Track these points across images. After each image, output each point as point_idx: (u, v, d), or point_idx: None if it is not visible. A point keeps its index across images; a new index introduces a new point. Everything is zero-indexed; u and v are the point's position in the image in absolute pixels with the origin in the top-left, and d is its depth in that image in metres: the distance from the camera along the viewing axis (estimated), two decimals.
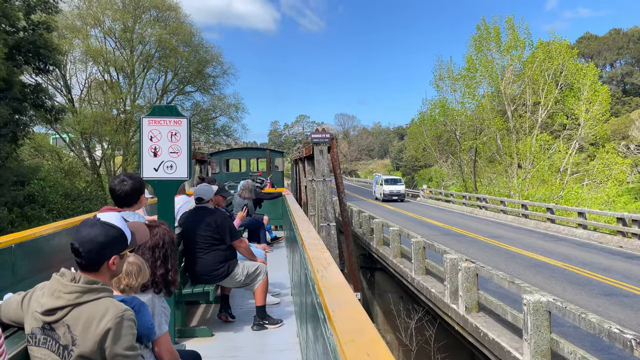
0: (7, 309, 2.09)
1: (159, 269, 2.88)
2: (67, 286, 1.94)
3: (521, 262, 14.58)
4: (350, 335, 1.64)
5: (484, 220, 26.24)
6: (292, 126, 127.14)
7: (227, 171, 24.12)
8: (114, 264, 2.05)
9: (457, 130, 42.28)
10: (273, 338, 4.94)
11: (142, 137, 4.71)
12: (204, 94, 45.44)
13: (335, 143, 17.32)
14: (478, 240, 18.99)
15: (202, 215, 5.13)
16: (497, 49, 37.02)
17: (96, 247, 1.99)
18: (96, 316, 1.89)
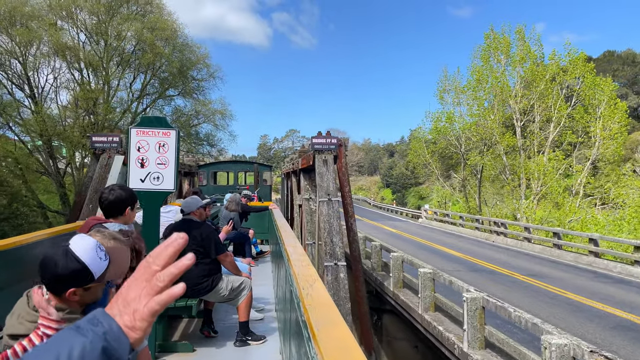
0: None
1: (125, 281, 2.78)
2: (29, 314, 1.92)
3: (596, 319, 11.12)
4: (335, 355, 1.62)
5: (508, 250, 23.26)
6: (281, 140, 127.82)
7: (215, 184, 24.00)
8: (75, 294, 1.94)
9: (462, 145, 40.59)
10: (256, 355, 4.94)
11: (129, 148, 4.68)
12: (186, 99, 41.65)
13: (343, 151, 13.59)
14: (518, 280, 15.64)
15: (187, 227, 5.15)
16: (507, 60, 35.62)
17: (52, 276, 1.91)
18: None
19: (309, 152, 14.21)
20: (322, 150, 13.01)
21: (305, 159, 14.50)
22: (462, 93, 39.50)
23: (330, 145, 13.06)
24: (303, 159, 15.11)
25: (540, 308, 11.86)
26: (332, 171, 12.87)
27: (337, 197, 12.54)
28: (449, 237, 28.77)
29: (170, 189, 4.97)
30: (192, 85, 40.37)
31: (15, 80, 32.60)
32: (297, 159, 17.05)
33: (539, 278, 15.91)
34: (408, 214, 48.64)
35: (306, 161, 14.38)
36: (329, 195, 12.39)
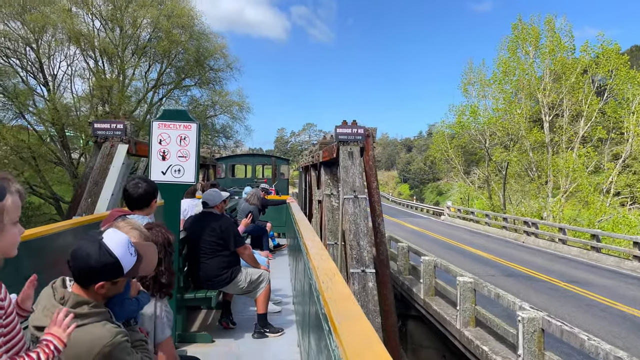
0: None
1: None
2: (55, 306, 1.95)
3: None
4: (356, 349, 1.64)
5: (542, 252, 21.94)
6: (298, 134, 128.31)
7: (233, 176, 24.15)
8: (103, 288, 2.02)
9: (486, 140, 39.24)
10: (273, 347, 5.00)
11: (151, 140, 4.76)
12: (203, 89, 40.38)
13: (371, 143, 12.10)
14: (559, 288, 14.39)
15: (207, 220, 5.21)
16: (535, 52, 34.11)
17: (84, 268, 1.98)
18: (83, 346, 1.90)
19: (331, 143, 13.30)
20: (347, 141, 11.69)
21: (327, 151, 13.31)
22: (487, 86, 38.26)
23: (356, 136, 11.72)
24: (324, 151, 13.89)
25: (594, 324, 10.63)
26: (358, 165, 11.50)
27: (364, 195, 11.26)
28: (475, 236, 27.60)
29: (191, 182, 5.04)
30: (209, 76, 39.02)
31: (30, 68, 32.24)
32: (317, 151, 15.90)
33: (582, 285, 14.69)
34: (429, 211, 47.20)
35: (328, 153, 13.16)
36: (355, 192, 11.09)
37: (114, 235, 2.05)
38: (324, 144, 15.44)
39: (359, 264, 10.22)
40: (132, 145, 11.11)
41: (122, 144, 10.83)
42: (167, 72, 37.79)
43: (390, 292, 12.23)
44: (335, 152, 12.08)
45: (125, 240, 2.05)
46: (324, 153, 13.93)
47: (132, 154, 11.40)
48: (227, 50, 39.70)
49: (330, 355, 2.02)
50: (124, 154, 10.54)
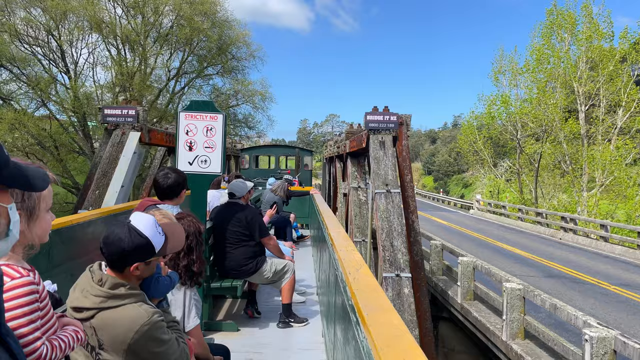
0: None
1: (182, 260, 2.93)
2: (93, 288, 2.05)
3: None
4: (386, 340, 1.64)
5: (582, 251, 20.55)
6: (321, 125, 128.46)
7: (257, 167, 24.32)
8: (138, 269, 2.12)
9: (518, 132, 37.62)
10: (298, 336, 5.05)
11: (178, 131, 4.82)
12: (225, 77, 39.55)
13: (404, 131, 11.10)
14: (609, 292, 13.23)
15: (233, 210, 5.28)
16: (571, 39, 32.37)
17: (118, 251, 2.07)
18: (121, 326, 2.00)
19: (358, 133, 12.57)
20: (378, 129, 10.75)
21: (355, 141, 12.54)
22: (519, 74, 36.64)
23: (388, 124, 10.75)
24: (352, 141, 13.12)
25: None
26: (390, 156, 10.56)
27: (397, 189, 10.22)
28: (508, 232, 26.41)
29: (217, 172, 5.11)
30: (231, 64, 38.30)
31: (51, 56, 32.10)
32: (343, 141, 15.13)
33: (635, 290, 13.31)
34: (456, 204, 45.64)
35: (356, 143, 12.43)
36: (388, 186, 10.09)
37: (141, 218, 2.15)
38: (351, 133, 14.66)
39: (393, 267, 9.24)
40: (145, 133, 10.40)
41: (133, 131, 10.04)
42: (189, 61, 37.24)
43: (425, 297, 10.92)
44: (364, 142, 11.19)
45: (152, 221, 2.14)
46: (352, 143, 13.15)
47: (145, 142, 10.73)
48: (250, 39, 38.98)
49: (358, 346, 2.03)
50: (135, 143, 9.77)
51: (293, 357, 4.86)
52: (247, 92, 39.88)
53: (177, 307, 3.02)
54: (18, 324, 1.63)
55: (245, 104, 41.10)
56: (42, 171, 1.02)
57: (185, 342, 2.30)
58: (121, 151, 9.72)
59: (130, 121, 10.12)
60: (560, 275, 15.13)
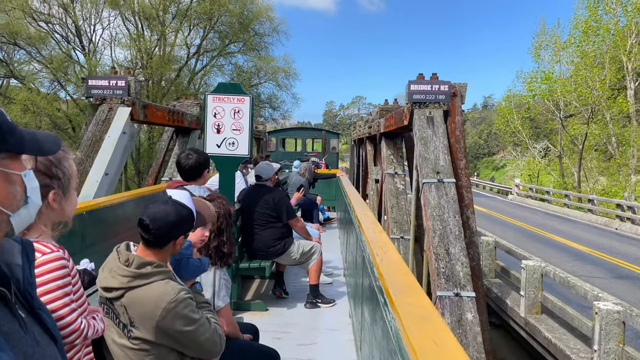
0: None
1: (212, 241, 2.98)
2: (120, 268, 2.08)
3: None
4: (414, 321, 1.63)
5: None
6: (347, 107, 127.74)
7: (284, 150, 24.41)
8: (179, 243, 2.17)
9: (561, 111, 34.94)
10: (325, 317, 5.10)
11: (206, 114, 4.89)
12: (248, 55, 37.11)
13: (458, 105, 8.70)
14: None
15: (260, 192, 5.33)
16: (620, 10, 29.58)
17: (167, 225, 2.08)
18: (149, 303, 2.02)
19: (392, 110, 10.89)
20: (424, 102, 8.42)
21: (393, 119, 10.27)
22: (562, 49, 34.04)
23: (438, 95, 8.43)
24: (388, 119, 10.87)
25: None
26: (441, 135, 8.26)
27: (451, 178, 7.94)
28: (556, 220, 23.92)
29: (245, 155, 5.16)
30: (253, 41, 36.19)
31: (67, 34, 31.05)
32: (376, 120, 13.22)
33: None
34: (492, 189, 43.15)
35: (394, 121, 10.10)
36: (439, 175, 7.81)
37: (177, 192, 2.21)
38: (385, 110, 12.87)
39: (451, 284, 6.89)
40: (139, 108, 8.50)
41: (123, 106, 8.22)
42: (210, 38, 35.24)
43: (484, 313, 8.07)
44: (406, 118, 8.85)
45: (188, 195, 2.24)
46: (387, 121, 10.93)
47: (139, 120, 8.93)
48: (272, 13, 36.71)
49: (386, 326, 2.03)
50: (125, 120, 7.93)
51: (320, 337, 4.92)
52: (270, 69, 37.55)
53: (207, 287, 3.08)
54: (51, 298, 1.67)
55: (268, 82, 38.76)
56: (52, 134, 1.03)
57: (218, 322, 2.31)
58: (106, 131, 7.94)
59: (120, 94, 8.30)
60: (631, 276, 12.94)
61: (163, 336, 2.05)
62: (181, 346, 2.11)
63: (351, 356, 4.13)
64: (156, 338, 2.04)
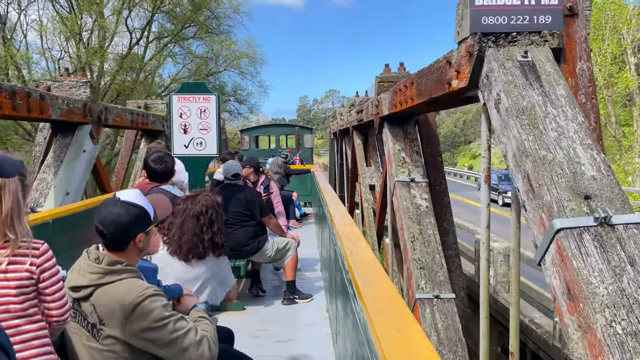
0: None
1: (206, 234, 3.05)
2: (90, 266, 2.09)
3: None
4: (380, 311, 1.66)
5: None
6: (321, 101, 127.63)
7: (257, 148, 24.33)
8: (140, 241, 2.16)
9: None
10: (303, 313, 5.12)
11: (172, 114, 4.83)
12: (204, 40, 31.92)
13: (579, 31, 3.67)
14: None
15: (232, 191, 5.29)
16: None
17: (120, 227, 2.09)
18: (118, 298, 2.02)
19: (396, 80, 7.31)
20: (510, 32, 3.52)
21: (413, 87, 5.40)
22: None
23: (539, 16, 3.49)
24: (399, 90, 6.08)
25: None
26: (566, 102, 3.16)
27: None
28: None
29: (213, 154, 5.12)
30: (211, 24, 31.39)
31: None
32: (370, 100, 8.74)
33: None
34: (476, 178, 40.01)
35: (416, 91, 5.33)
36: (594, 203, 2.65)
37: (126, 192, 2.20)
38: (387, 81, 7.93)
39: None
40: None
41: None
42: (157, 21, 29.86)
43: None
44: (461, 74, 3.88)
45: (138, 192, 2.21)
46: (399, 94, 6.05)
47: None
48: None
49: (355, 318, 2.06)
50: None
51: (299, 332, 4.93)
52: (231, 54, 32.53)
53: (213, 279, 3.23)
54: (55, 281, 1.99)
55: (229, 69, 33.44)
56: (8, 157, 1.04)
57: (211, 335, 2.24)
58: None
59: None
60: None
61: (133, 335, 2.00)
62: (153, 347, 2.03)
63: (329, 350, 4.16)
64: (126, 336, 2.00)
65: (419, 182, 6.10)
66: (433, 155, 7.03)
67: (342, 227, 3.72)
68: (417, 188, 6.11)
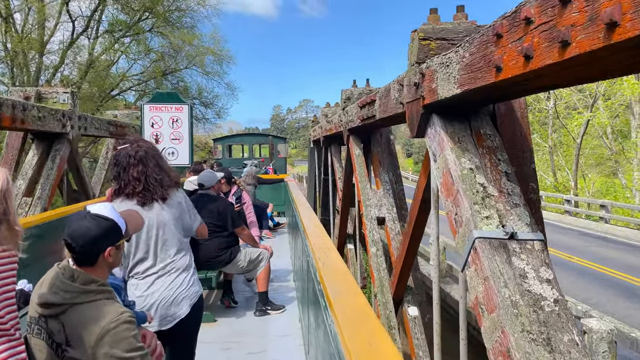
0: None
1: (159, 174, 2.93)
2: (64, 283, 1.99)
3: None
4: (351, 323, 1.66)
5: None
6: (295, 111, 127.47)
7: (230, 157, 24.13)
8: (110, 255, 2.09)
9: (555, 101, 29.02)
10: (275, 323, 5.08)
11: (143, 124, 4.74)
12: (163, 36, 27.34)
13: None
14: None
15: (204, 202, 5.22)
16: None
17: (89, 241, 2.02)
18: (91, 321, 1.94)
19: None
20: None
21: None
22: None
23: None
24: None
25: None
26: None
27: None
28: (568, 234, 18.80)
29: (185, 164, 5.06)
30: (171, 17, 27.31)
31: None
32: (405, 78, 4.10)
33: None
34: None
35: None
36: None
37: (97, 205, 2.13)
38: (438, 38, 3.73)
39: None
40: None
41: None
42: (114, 15, 26.05)
43: None
44: None
45: (109, 206, 2.15)
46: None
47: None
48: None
49: (327, 330, 2.06)
50: None
51: (271, 344, 4.89)
52: (194, 51, 28.52)
53: None
54: None
55: (191, 67, 29.26)
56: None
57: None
58: None
59: None
60: None
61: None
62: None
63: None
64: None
65: (525, 240, 2.81)
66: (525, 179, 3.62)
67: (315, 238, 3.73)
68: (525, 254, 2.78)
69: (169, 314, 3.00)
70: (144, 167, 2.96)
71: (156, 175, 2.98)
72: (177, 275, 3.06)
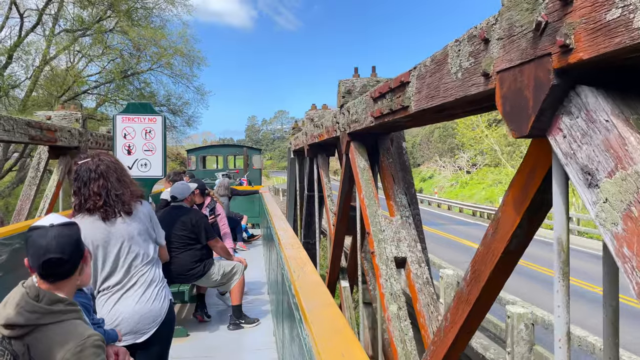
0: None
1: (119, 190, 2.89)
2: (29, 304, 1.92)
3: None
4: (325, 335, 1.67)
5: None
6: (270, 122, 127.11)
7: (204, 168, 23.94)
8: (83, 270, 2.06)
9: None
10: (249, 337, 5.04)
11: (115, 135, 4.67)
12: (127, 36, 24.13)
13: None
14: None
15: (177, 214, 5.16)
16: None
17: (76, 247, 1.98)
18: (56, 344, 1.88)
19: None
20: None
21: None
22: None
23: None
24: None
25: None
26: None
27: None
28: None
29: (158, 176, 5.00)
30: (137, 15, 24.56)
31: None
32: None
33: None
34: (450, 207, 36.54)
35: None
36: None
37: (49, 218, 2.05)
38: None
39: None
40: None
41: None
42: (74, 12, 23.03)
43: None
44: None
45: (56, 214, 2.09)
46: None
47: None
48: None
49: (301, 343, 2.06)
50: None
51: (244, 358, 4.84)
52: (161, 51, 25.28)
53: None
54: None
55: (156, 69, 26.36)
56: None
57: None
58: None
59: None
60: None
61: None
62: None
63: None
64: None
65: None
66: None
67: (290, 250, 3.72)
68: None
69: (140, 328, 2.96)
70: (105, 181, 2.93)
71: (116, 191, 2.95)
72: (146, 288, 3.02)
